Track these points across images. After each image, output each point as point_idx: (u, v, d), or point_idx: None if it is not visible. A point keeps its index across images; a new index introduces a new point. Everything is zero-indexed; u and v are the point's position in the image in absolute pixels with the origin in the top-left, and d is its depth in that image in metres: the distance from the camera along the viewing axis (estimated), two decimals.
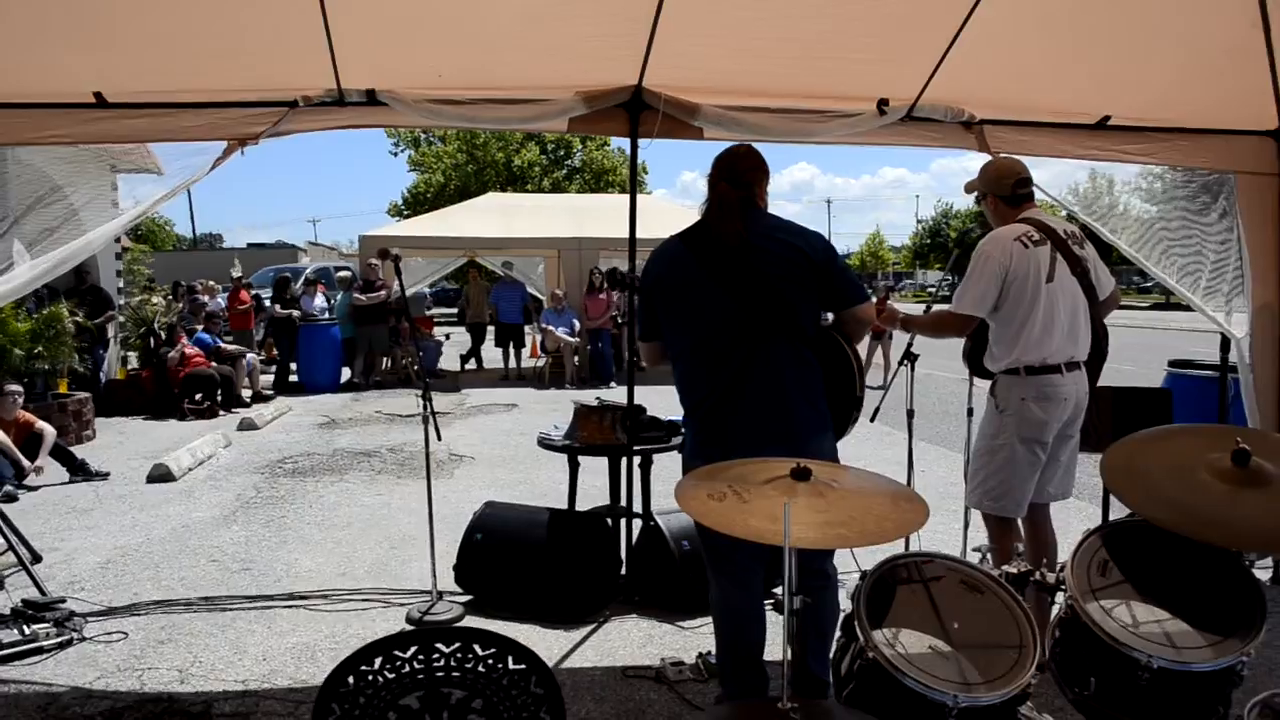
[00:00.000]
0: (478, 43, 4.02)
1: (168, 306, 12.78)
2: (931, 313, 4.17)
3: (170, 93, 4.06)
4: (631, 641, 4.24)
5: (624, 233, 16.60)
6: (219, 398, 11.40)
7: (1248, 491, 2.18)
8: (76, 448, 8.23)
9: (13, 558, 4.85)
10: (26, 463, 7.29)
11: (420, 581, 5.00)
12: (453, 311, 29.08)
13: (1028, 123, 4.59)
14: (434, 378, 14.80)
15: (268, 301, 16.99)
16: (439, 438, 4.67)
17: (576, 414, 4.81)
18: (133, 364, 12.37)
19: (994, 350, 3.88)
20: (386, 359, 14.69)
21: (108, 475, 7.74)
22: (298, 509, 6.71)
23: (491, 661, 1.84)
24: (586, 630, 4.35)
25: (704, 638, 4.20)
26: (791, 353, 3.11)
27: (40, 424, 7.59)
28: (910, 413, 4.55)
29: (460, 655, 1.82)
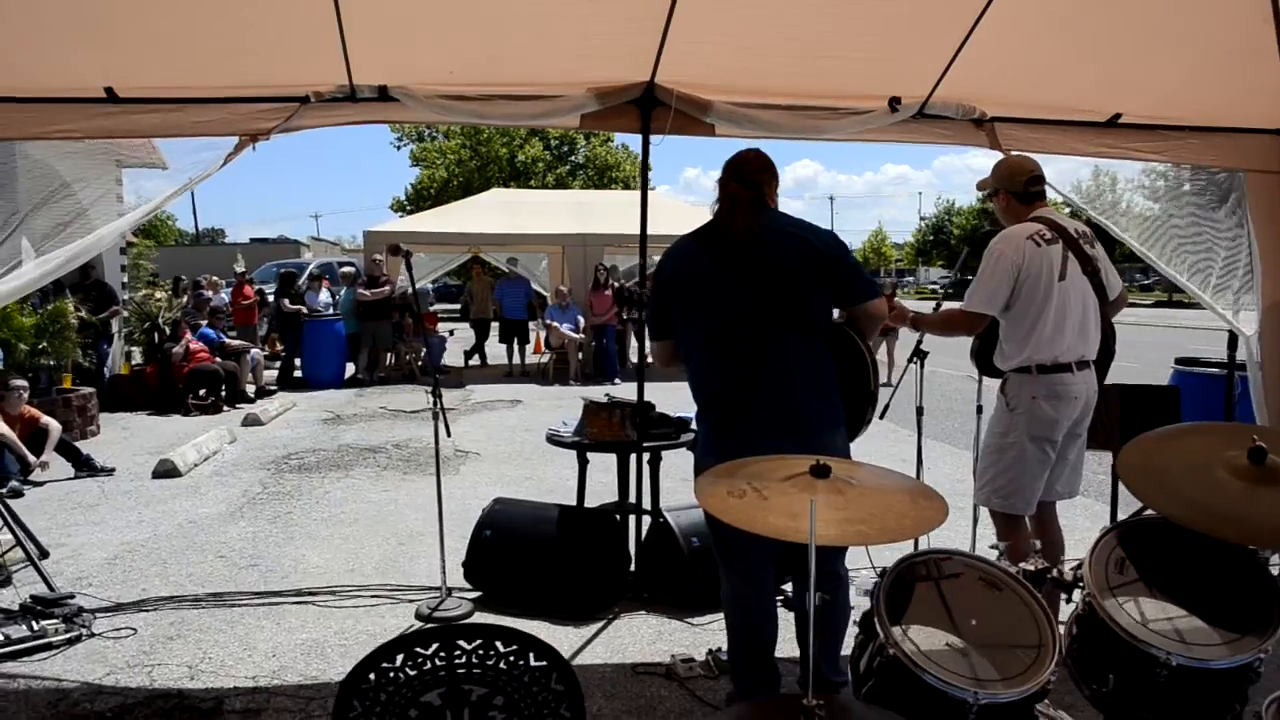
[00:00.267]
0: (490, 38, 4.00)
1: (170, 302, 12.77)
2: (941, 311, 4.17)
3: (181, 88, 4.05)
4: (641, 638, 4.25)
5: (628, 229, 16.53)
6: (223, 393, 11.41)
7: (1264, 489, 2.18)
8: (81, 443, 8.23)
9: (20, 553, 4.85)
10: (32, 458, 7.28)
11: (428, 578, 5.01)
12: (455, 307, 29.13)
13: (1039, 120, 4.58)
14: (438, 373, 14.78)
15: (271, 297, 17.00)
16: (449, 434, 4.67)
17: (586, 410, 4.81)
18: (137, 359, 12.37)
19: (1004, 348, 3.88)
20: (390, 355, 14.69)
21: (113, 471, 7.75)
22: (304, 505, 6.72)
23: (513, 659, 1.84)
24: (596, 627, 4.35)
25: (714, 634, 4.21)
26: (804, 344, 3.13)
27: (45, 419, 7.59)
28: (920, 410, 4.55)
29: (482, 652, 1.82)
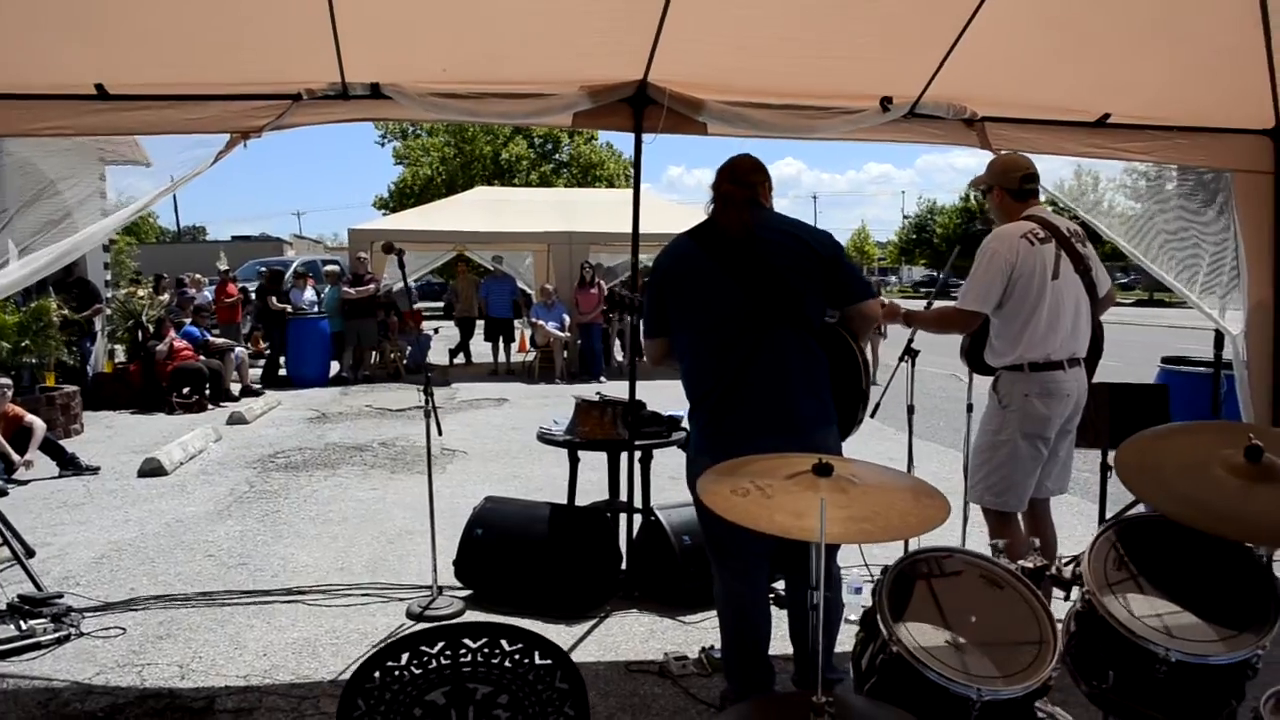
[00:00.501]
0: (484, 36, 4.00)
1: (152, 300, 12.67)
2: (934, 308, 4.19)
3: (172, 85, 4.02)
4: (634, 636, 4.25)
5: (614, 227, 16.47)
6: (207, 391, 11.33)
7: (1261, 487, 2.21)
8: (64, 442, 8.14)
9: (6, 552, 4.80)
10: (16, 457, 7.22)
11: (418, 576, 5.00)
12: (438, 306, 29.02)
13: (1029, 120, 4.61)
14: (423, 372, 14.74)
15: (254, 295, 16.89)
16: (439, 432, 4.66)
17: (577, 409, 4.80)
18: (120, 357, 12.27)
19: (996, 345, 3.90)
20: (375, 353, 14.62)
21: (98, 469, 7.68)
22: (292, 504, 6.68)
23: (518, 657, 1.84)
24: (588, 625, 4.35)
25: (705, 633, 4.22)
26: (798, 342, 3.15)
27: (30, 418, 7.52)
28: (910, 409, 4.57)
29: (487, 651, 1.82)
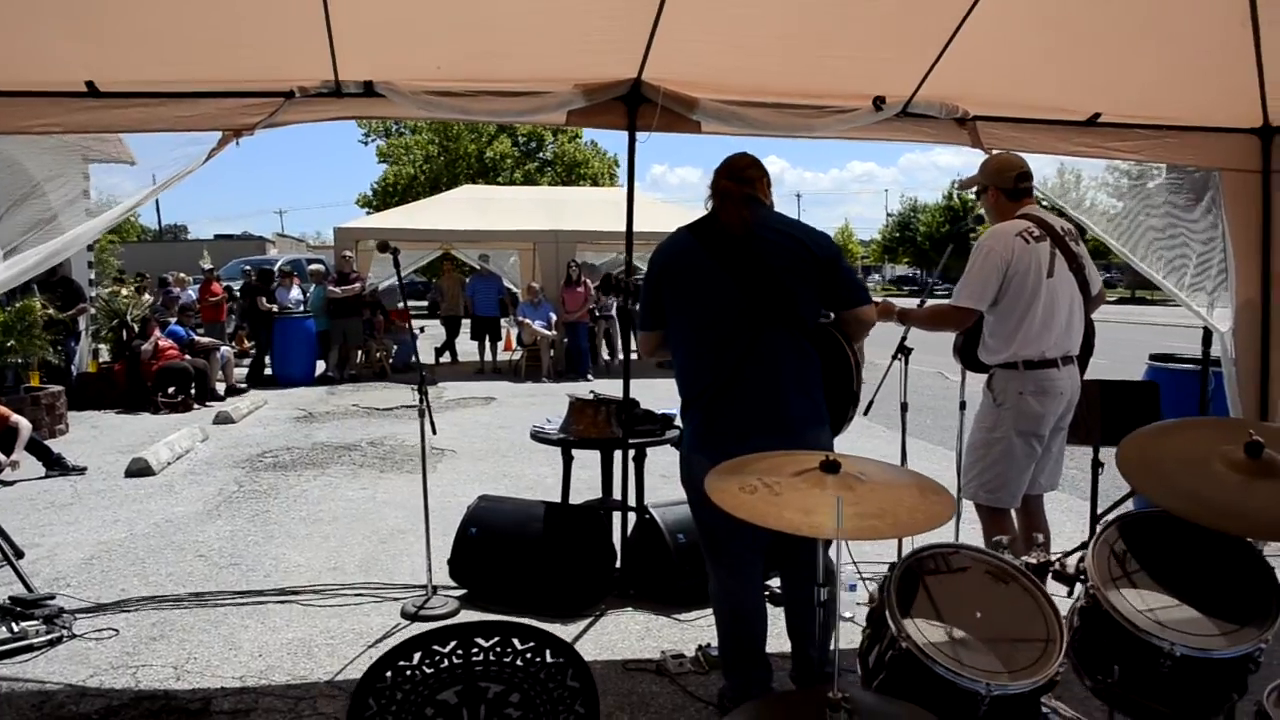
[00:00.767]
0: (478, 34, 3.99)
1: (135, 299, 12.57)
2: (928, 306, 4.21)
3: (164, 82, 3.99)
4: (629, 634, 4.25)
5: (601, 226, 16.46)
6: (193, 391, 11.25)
7: (1261, 482, 2.23)
8: (50, 442, 8.06)
9: None
10: (2, 457, 7.13)
11: (411, 575, 4.99)
12: (422, 305, 28.91)
13: (1020, 119, 4.63)
14: (409, 370, 14.71)
15: (239, 293, 16.80)
16: (434, 431, 4.64)
17: (571, 407, 4.80)
18: (104, 357, 12.17)
19: (990, 343, 3.92)
20: (360, 352, 14.57)
21: (84, 470, 7.62)
22: (282, 503, 6.64)
23: (529, 655, 1.84)
24: (584, 624, 4.35)
25: (701, 631, 4.22)
26: (791, 343, 3.15)
27: (15, 418, 7.43)
28: (904, 406, 4.58)
29: (499, 649, 1.82)
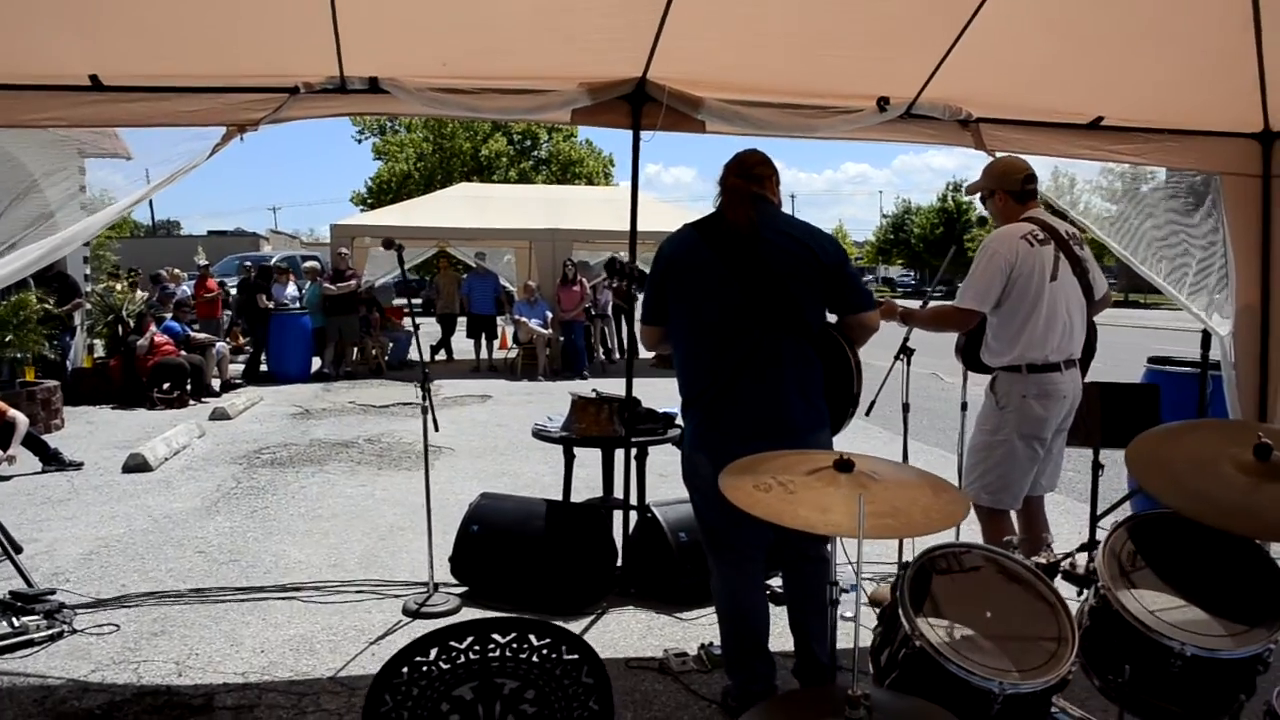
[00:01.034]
0: (484, 31, 3.98)
1: (129, 295, 12.52)
2: (931, 307, 4.22)
3: (169, 76, 3.97)
4: (631, 633, 4.26)
5: (597, 224, 16.47)
6: (188, 387, 11.22)
7: (1269, 484, 2.25)
8: (45, 437, 8.04)
9: None
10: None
11: (411, 572, 4.99)
12: (416, 302, 28.84)
13: (1023, 121, 4.64)
14: (405, 367, 14.69)
15: (233, 290, 16.76)
16: (436, 428, 4.64)
17: (574, 405, 4.80)
18: (99, 352, 12.12)
19: (992, 345, 3.94)
20: (356, 349, 14.54)
21: (81, 465, 7.59)
22: (280, 500, 6.63)
23: (545, 651, 1.85)
24: (585, 622, 4.35)
25: (703, 629, 4.23)
26: (793, 348, 3.16)
27: (13, 413, 7.41)
28: (906, 407, 4.60)
29: (515, 646, 1.82)
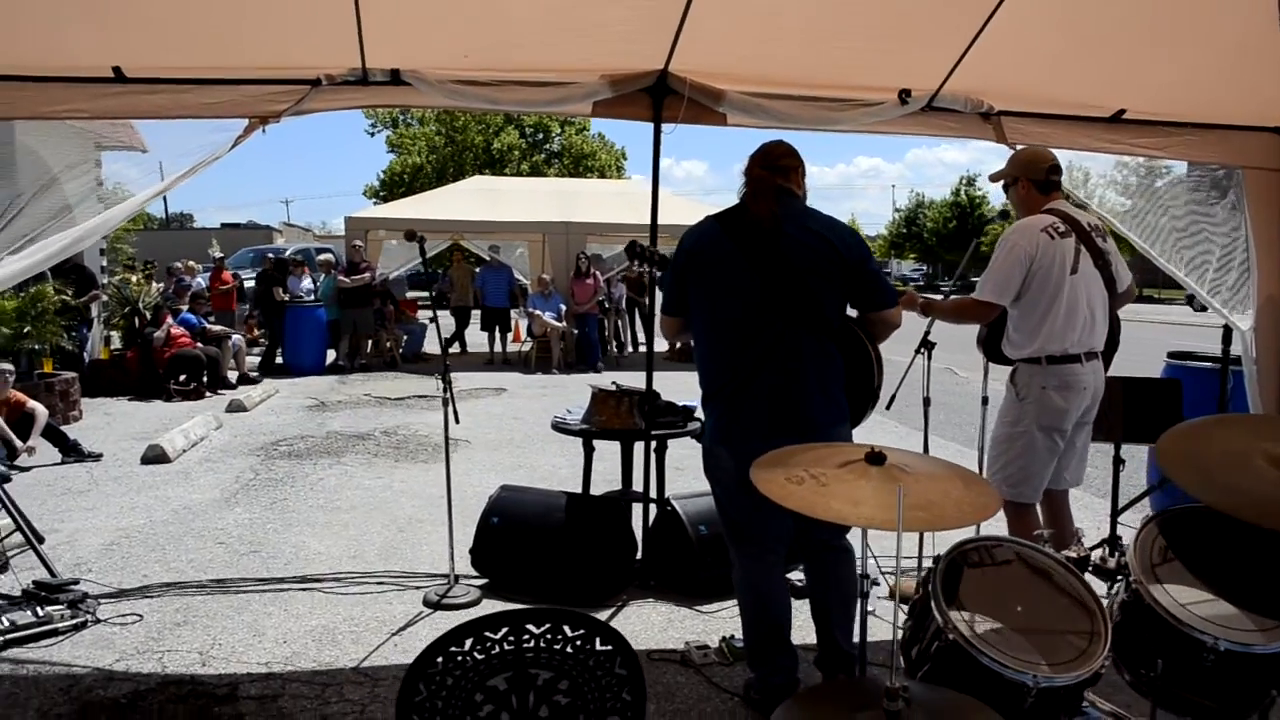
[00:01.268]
0: (505, 23, 3.98)
1: (148, 286, 12.58)
2: (952, 299, 4.22)
3: (191, 69, 3.99)
4: (652, 625, 4.27)
5: (611, 218, 16.44)
6: (205, 379, 11.28)
7: None
8: (64, 428, 8.10)
9: (18, 538, 4.78)
10: (19, 443, 7.18)
11: (432, 564, 5.01)
12: (424, 295, 28.91)
13: (1045, 115, 4.62)
14: (419, 360, 14.73)
15: (249, 282, 16.83)
16: (457, 420, 4.66)
17: (594, 398, 4.81)
18: (115, 344, 12.19)
19: (1013, 338, 3.93)
20: (370, 341, 14.58)
21: (100, 456, 7.64)
22: (298, 491, 6.67)
23: (579, 642, 1.85)
24: (606, 614, 4.36)
25: (724, 622, 4.24)
26: (814, 344, 3.16)
27: (32, 404, 7.47)
28: (927, 401, 4.59)
29: (550, 636, 1.83)
